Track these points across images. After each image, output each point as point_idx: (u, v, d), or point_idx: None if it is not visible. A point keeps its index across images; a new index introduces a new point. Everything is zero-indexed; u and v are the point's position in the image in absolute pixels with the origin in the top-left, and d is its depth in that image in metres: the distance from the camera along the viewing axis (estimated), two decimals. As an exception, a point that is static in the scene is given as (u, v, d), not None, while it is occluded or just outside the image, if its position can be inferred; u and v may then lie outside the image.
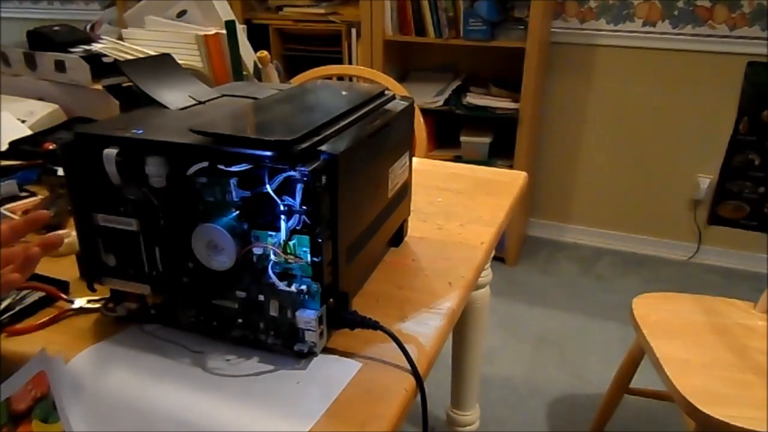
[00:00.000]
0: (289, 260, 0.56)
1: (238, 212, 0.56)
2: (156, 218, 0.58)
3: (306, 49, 2.50)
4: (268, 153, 0.53)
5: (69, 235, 0.82)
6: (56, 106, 1.14)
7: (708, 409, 1.02)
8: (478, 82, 2.37)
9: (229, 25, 1.18)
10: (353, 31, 2.39)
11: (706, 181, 2.34)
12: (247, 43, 1.27)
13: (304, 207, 0.53)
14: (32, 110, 1.12)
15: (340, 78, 1.77)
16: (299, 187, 0.53)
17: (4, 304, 0.68)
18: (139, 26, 1.25)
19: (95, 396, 0.56)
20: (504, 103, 2.25)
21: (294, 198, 0.53)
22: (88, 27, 2.56)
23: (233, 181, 0.55)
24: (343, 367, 0.59)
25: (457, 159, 2.37)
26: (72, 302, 0.69)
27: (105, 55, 1.09)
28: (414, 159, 0.92)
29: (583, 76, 2.37)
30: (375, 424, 0.52)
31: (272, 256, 0.56)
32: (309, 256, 0.56)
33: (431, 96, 2.34)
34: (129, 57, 1.11)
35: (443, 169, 1.14)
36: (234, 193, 0.55)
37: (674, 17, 2.18)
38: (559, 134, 2.50)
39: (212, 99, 0.73)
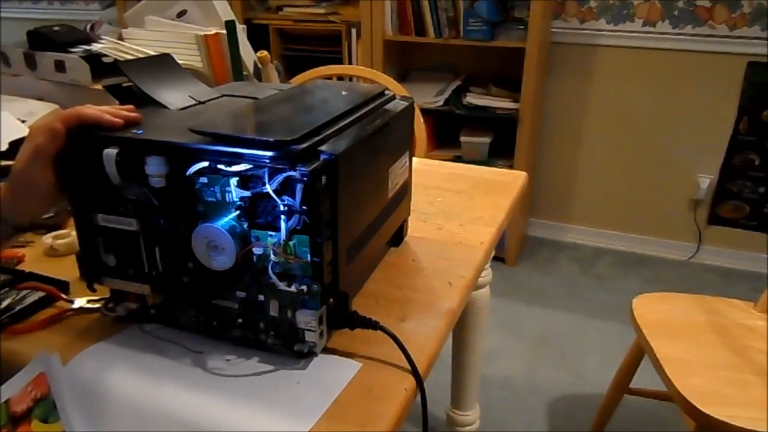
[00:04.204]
0: (289, 260, 0.56)
1: (238, 212, 0.56)
2: (156, 218, 0.58)
3: (306, 49, 2.50)
4: (268, 153, 0.53)
5: (69, 235, 0.82)
6: (56, 106, 1.13)
7: (708, 409, 1.01)
8: (478, 82, 2.37)
9: (229, 25, 1.18)
10: (353, 31, 2.39)
11: (706, 181, 2.34)
12: (247, 43, 1.27)
13: (304, 207, 0.53)
14: (32, 110, 1.12)
15: (340, 78, 1.77)
16: (299, 187, 0.53)
17: (5, 304, 0.68)
18: (139, 26, 1.25)
19: (95, 396, 0.56)
20: (504, 103, 2.25)
21: (294, 198, 0.53)
22: (88, 27, 2.56)
23: (233, 181, 0.55)
24: (343, 367, 0.59)
25: (457, 159, 2.37)
26: (72, 302, 0.69)
27: (105, 55, 1.09)
28: (414, 159, 0.92)
29: (583, 76, 2.37)
30: (375, 424, 0.52)
31: (272, 256, 0.56)
32: (309, 256, 0.56)
33: (431, 96, 2.34)
34: (129, 57, 1.11)
35: (443, 169, 1.14)
36: (234, 193, 0.55)
37: (674, 17, 2.18)
38: (559, 134, 2.50)
39: (212, 99, 0.73)
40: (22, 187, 0.59)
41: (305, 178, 0.52)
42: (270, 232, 0.56)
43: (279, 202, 0.54)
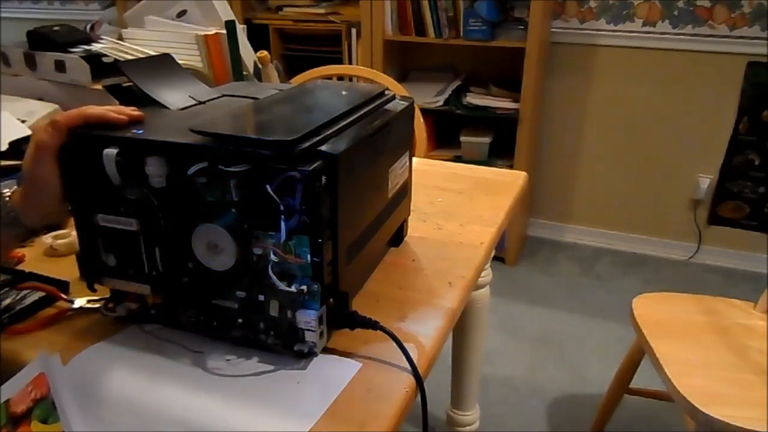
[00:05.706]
0: (289, 260, 0.56)
1: (238, 212, 0.56)
2: (156, 218, 0.58)
3: (306, 49, 2.50)
4: (269, 153, 0.53)
5: (69, 235, 0.82)
6: (56, 106, 1.13)
7: (708, 409, 1.02)
8: (478, 82, 2.37)
9: (229, 25, 1.18)
10: (353, 31, 2.39)
11: (706, 181, 2.34)
12: (247, 43, 1.27)
13: (304, 207, 0.53)
14: (32, 110, 1.11)
15: (340, 78, 1.77)
16: (299, 187, 0.53)
17: (5, 304, 0.68)
18: (139, 26, 1.25)
19: (95, 396, 0.56)
20: (504, 103, 2.25)
21: (294, 198, 0.53)
22: (88, 27, 2.56)
23: (233, 181, 0.55)
24: (343, 367, 0.59)
25: (457, 159, 2.37)
26: (72, 302, 0.69)
27: (105, 55, 1.09)
28: (414, 159, 0.92)
29: (583, 76, 2.37)
30: (375, 424, 0.52)
31: (272, 256, 0.56)
32: (309, 256, 0.56)
33: (431, 96, 2.34)
34: (129, 57, 1.11)
35: (443, 169, 1.14)
36: (234, 193, 0.55)
37: (674, 17, 2.18)
38: (559, 134, 2.50)
39: (212, 99, 0.73)
40: (32, 186, 0.60)
41: (305, 178, 0.52)
42: (270, 232, 0.56)
43: (279, 202, 0.54)
